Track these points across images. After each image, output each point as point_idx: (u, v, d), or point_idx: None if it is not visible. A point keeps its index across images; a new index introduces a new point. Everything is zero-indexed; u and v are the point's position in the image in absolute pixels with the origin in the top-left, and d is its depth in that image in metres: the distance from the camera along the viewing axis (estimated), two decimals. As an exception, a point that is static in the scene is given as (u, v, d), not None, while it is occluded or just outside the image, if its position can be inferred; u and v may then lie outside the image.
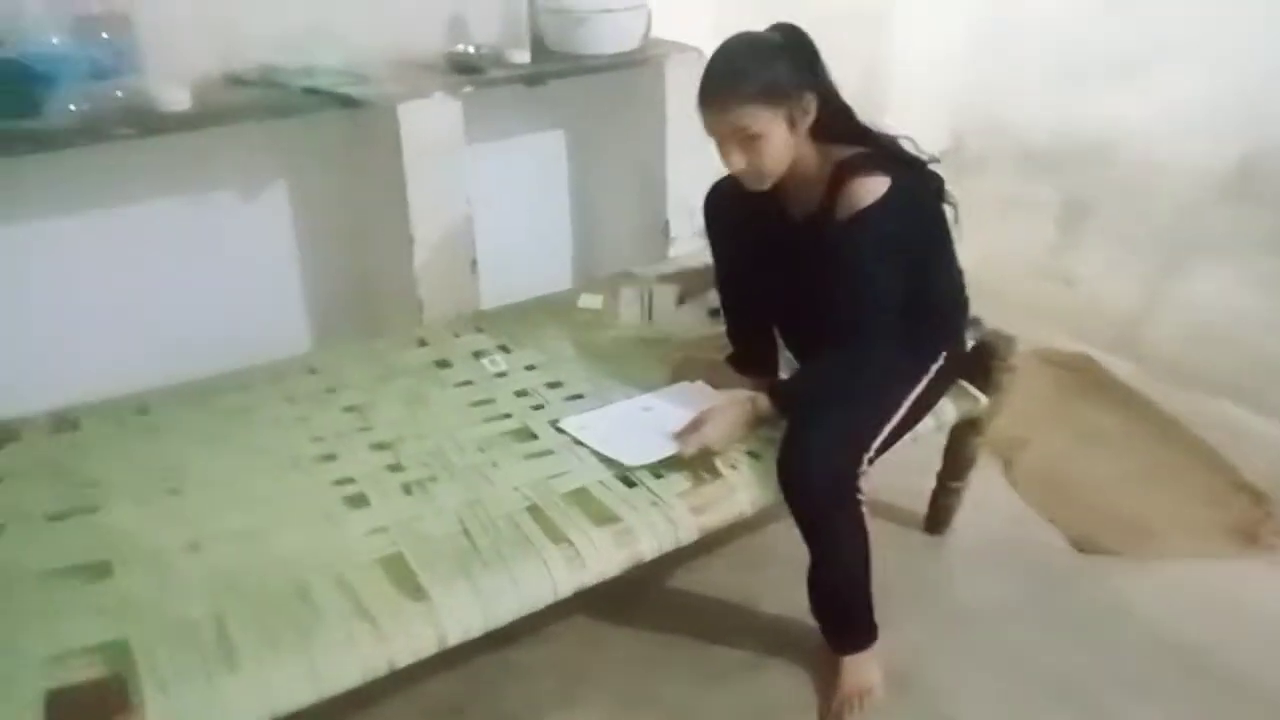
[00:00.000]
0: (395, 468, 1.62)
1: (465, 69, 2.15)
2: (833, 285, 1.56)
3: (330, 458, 1.65)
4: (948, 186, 1.66)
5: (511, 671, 1.76)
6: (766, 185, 1.61)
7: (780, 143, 1.55)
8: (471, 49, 2.19)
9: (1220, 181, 2.51)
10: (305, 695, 1.21)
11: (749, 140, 1.53)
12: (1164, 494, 2.24)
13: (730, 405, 1.64)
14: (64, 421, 1.72)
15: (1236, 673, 1.75)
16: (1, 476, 1.57)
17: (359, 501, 1.53)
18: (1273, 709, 1.68)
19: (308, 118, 2.04)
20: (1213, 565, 2.02)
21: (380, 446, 1.68)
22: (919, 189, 1.60)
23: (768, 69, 1.52)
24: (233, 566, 1.38)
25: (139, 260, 2.15)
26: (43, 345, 2.10)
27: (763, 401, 1.64)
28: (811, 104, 1.56)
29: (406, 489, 1.56)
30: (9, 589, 1.33)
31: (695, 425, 1.61)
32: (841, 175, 1.55)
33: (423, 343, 2.04)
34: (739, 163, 1.56)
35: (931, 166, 1.64)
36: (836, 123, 1.60)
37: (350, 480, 1.59)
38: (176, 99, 1.82)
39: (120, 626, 1.25)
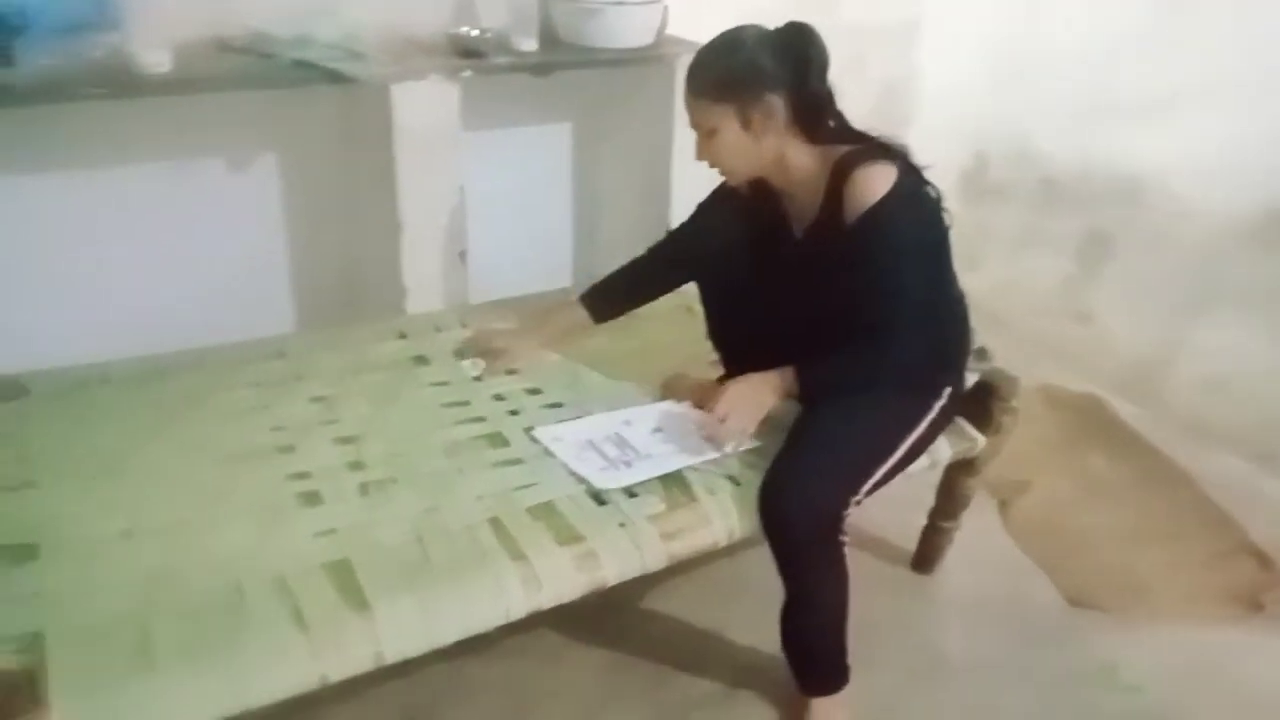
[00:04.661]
0: (356, 465, 1.53)
1: (467, 52, 2.06)
2: (856, 287, 1.47)
3: (288, 449, 1.56)
4: (949, 204, 1.56)
5: (463, 686, 1.67)
6: (736, 181, 1.60)
7: (732, 140, 1.49)
8: (476, 32, 2.10)
9: (1245, 228, 2.42)
10: (227, 706, 1.13)
11: (705, 135, 1.52)
12: (1164, 551, 2.13)
13: (758, 384, 1.55)
14: (12, 388, 1.64)
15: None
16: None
17: (312, 499, 1.45)
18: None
19: (301, 91, 1.95)
20: (1209, 630, 1.92)
21: (343, 441, 1.59)
22: (924, 184, 1.52)
23: (723, 64, 1.47)
24: (165, 561, 1.30)
25: (112, 227, 2.06)
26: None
27: (790, 376, 1.54)
28: (775, 105, 1.47)
29: (364, 490, 1.48)
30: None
31: (721, 419, 1.52)
32: (843, 169, 1.47)
33: (402, 335, 1.95)
34: (703, 156, 1.55)
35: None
36: (834, 126, 1.54)
37: (306, 475, 1.50)
38: (156, 61, 1.73)
39: (37, 618, 1.17)
